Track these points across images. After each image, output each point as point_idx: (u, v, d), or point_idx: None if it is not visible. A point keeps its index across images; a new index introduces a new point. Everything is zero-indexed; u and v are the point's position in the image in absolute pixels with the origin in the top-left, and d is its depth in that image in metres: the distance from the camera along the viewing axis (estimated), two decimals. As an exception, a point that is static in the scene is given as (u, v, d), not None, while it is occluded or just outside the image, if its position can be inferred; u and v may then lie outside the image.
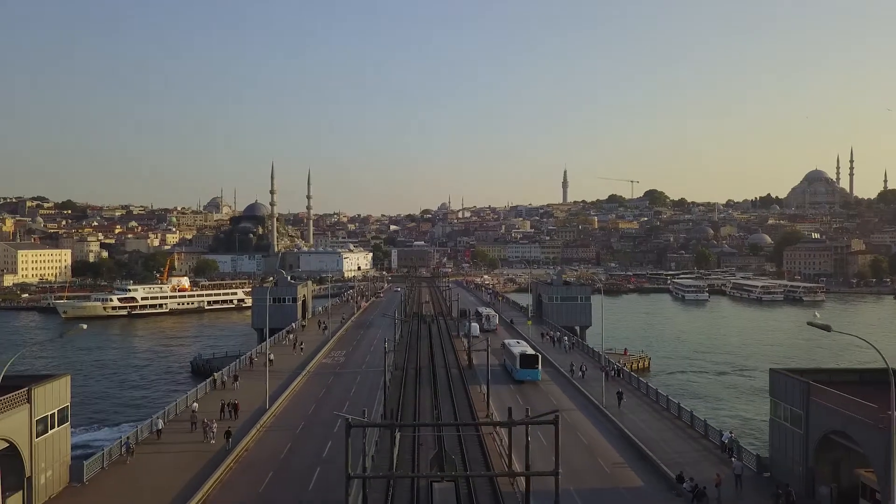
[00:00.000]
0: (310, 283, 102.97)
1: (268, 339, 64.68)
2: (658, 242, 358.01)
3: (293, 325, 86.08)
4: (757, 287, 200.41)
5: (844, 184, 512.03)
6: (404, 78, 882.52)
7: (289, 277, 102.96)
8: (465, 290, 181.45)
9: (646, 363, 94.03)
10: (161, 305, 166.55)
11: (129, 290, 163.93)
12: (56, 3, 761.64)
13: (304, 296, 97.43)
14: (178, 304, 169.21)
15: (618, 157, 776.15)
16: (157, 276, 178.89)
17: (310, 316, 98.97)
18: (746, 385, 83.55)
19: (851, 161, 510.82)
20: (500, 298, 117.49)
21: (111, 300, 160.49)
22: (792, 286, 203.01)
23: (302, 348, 75.52)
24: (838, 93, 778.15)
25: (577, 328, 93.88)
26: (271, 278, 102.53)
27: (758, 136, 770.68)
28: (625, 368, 62.20)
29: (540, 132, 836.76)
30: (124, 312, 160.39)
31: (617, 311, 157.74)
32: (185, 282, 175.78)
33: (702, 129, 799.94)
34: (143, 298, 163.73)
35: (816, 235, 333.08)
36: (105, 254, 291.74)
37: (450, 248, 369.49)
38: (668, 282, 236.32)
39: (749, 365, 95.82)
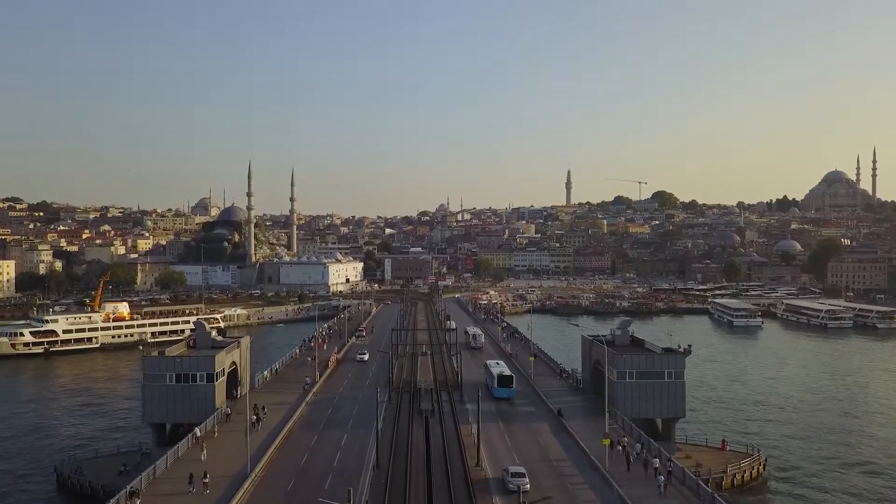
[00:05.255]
0: (245, 341, 68.76)
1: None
2: (676, 250, 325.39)
3: (197, 431, 51.42)
4: (821, 311, 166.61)
5: (865, 185, 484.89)
6: (403, 77, 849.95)
7: (210, 333, 67.90)
8: (472, 318, 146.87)
9: (760, 467, 60.85)
10: (90, 340, 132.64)
11: (47, 322, 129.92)
12: (47, 3, 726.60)
13: (233, 363, 63.35)
14: (113, 338, 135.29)
15: (621, 157, 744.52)
16: (88, 301, 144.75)
17: (244, 391, 65.07)
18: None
19: (874, 161, 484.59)
20: (534, 358, 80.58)
21: (22, 334, 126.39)
22: (862, 310, 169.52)
23: (206, 482, 42.39)
24: (855, 91, 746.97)
25: (659, 421, 60.28)
26: (193, 329, 68.04)
27: (768, 137, 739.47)
28: None
29: (540, 131, 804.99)
30: (40, 350, 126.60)
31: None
32: (123, 308, 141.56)
33: (708, 129, 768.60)
34: (65, 332, 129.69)
35: (847, 242, 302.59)
36: (59, 264, 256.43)
37: (449, 256, 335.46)
38: (708, 301, 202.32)
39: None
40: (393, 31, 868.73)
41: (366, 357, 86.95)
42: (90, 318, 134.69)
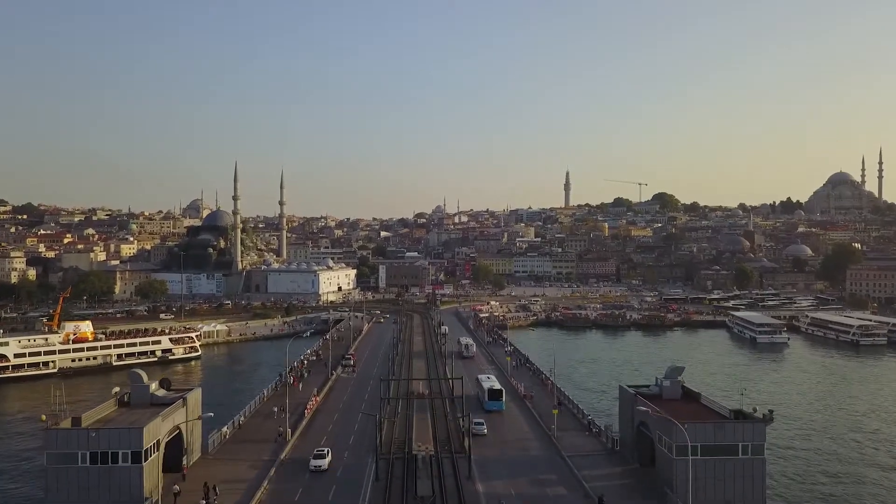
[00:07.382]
0: (194, 395, 54.72)
1: None
2: (682, 254, 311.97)
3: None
4: (852, 326, 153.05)
5: (870, 187, 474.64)
6: (399, 76, 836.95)
7: (149, 387, 52.67)
8: (475, 337, 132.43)
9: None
10: (47, 364, 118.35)
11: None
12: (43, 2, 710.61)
13: (175, 428, 48.94)
14: (73, 361, 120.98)
15: (619, 158, 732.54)
16: (45, 321, 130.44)
17: (194, 457, 50.98)
18: None
19: (880, 162, 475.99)
20: (557, 410, 64.26)
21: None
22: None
23: None
24: (860, 91, 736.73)
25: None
26: (118, 389, 53.92)
27: (769, 137, 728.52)
28: None
29: (538, 132, 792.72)
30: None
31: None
32: (86, 328, 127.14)
33: (708, 130, 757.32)
34: (16, 356, 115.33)
35: (857, 246, 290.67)
36: (32, 273, 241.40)
37: (447, 261, 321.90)
38: (727, 314, 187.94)
39: None
40: (389, 32, 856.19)
41: (324, 463, 52.01)
42: (46, 339, 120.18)
